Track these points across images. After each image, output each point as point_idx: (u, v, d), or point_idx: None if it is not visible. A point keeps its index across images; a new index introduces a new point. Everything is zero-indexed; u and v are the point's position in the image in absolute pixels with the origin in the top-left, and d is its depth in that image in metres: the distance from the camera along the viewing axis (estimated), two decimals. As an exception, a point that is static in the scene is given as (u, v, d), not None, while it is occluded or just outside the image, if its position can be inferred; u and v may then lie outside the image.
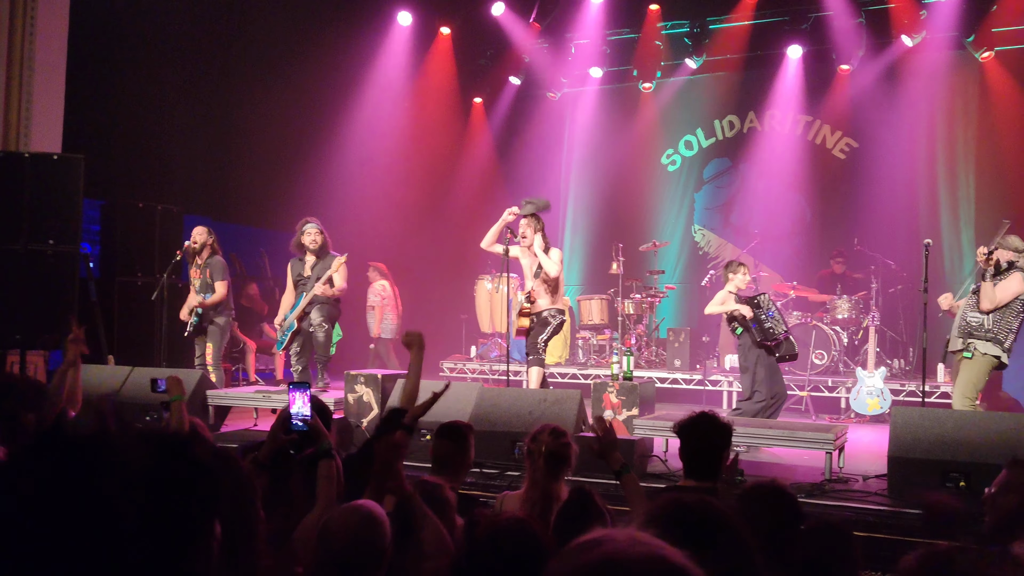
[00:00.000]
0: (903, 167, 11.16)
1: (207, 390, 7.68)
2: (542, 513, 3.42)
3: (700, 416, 3.45)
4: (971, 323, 6.30)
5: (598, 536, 1.05)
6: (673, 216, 12.66)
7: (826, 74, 11.59)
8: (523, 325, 7.35)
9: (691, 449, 3.40)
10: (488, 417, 6.41)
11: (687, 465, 3.43)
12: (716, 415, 3.48)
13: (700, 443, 3.39)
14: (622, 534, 1.05)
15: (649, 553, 1.02)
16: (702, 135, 12.67)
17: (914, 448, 5.37)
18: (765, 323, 7.08)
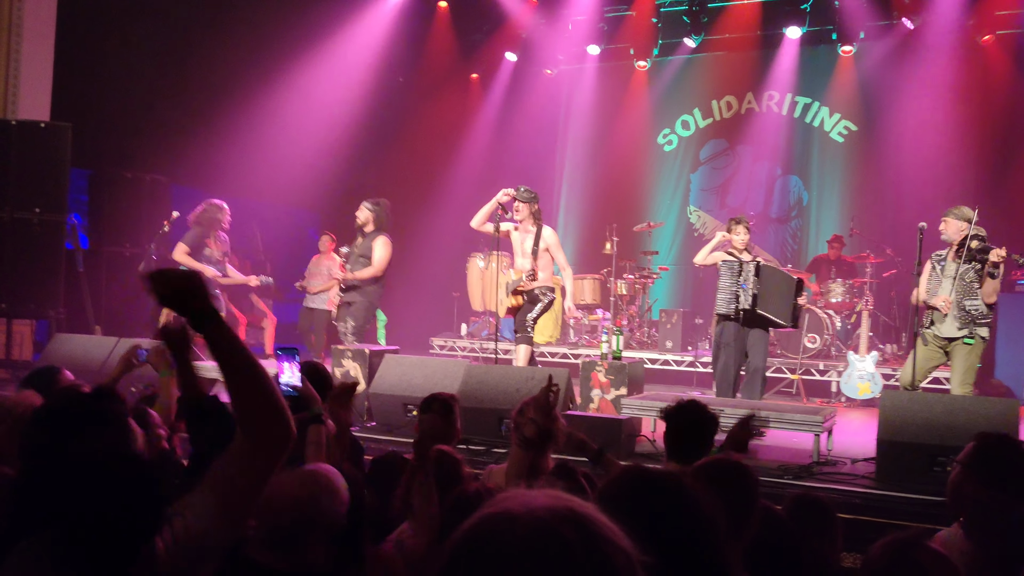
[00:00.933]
0: (902, 151, 11.06)
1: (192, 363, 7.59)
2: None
3: (688, 403, 3.46)
4: (971, 311, 6.25)
5: (512, 493, 0.98)
6: (668, 197, 12.57)
7: (826, 56, 11.48)
8: (515, 303, 7.29)
9: (675, 433, 3.38)
10: (475, 394, 6.35)
11: (670, 448, 3.41)
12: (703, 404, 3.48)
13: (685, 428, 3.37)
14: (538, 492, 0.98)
15: (556, 504, 0.95)
16: (699, 115, 12.56)
17: (903, 432, 5.32)
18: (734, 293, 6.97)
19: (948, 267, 6.39)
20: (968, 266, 6.25)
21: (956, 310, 6.29)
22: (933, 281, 6.48)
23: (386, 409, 6.69)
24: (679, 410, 3.41)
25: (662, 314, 10.36)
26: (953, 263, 6.36)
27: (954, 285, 6.28)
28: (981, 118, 10.70)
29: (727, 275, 7.00)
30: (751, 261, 7.07)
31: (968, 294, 6.26)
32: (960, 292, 6.28)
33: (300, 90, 11.36)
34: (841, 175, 11.62)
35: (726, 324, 7.04)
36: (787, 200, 11.97)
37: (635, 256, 10.95)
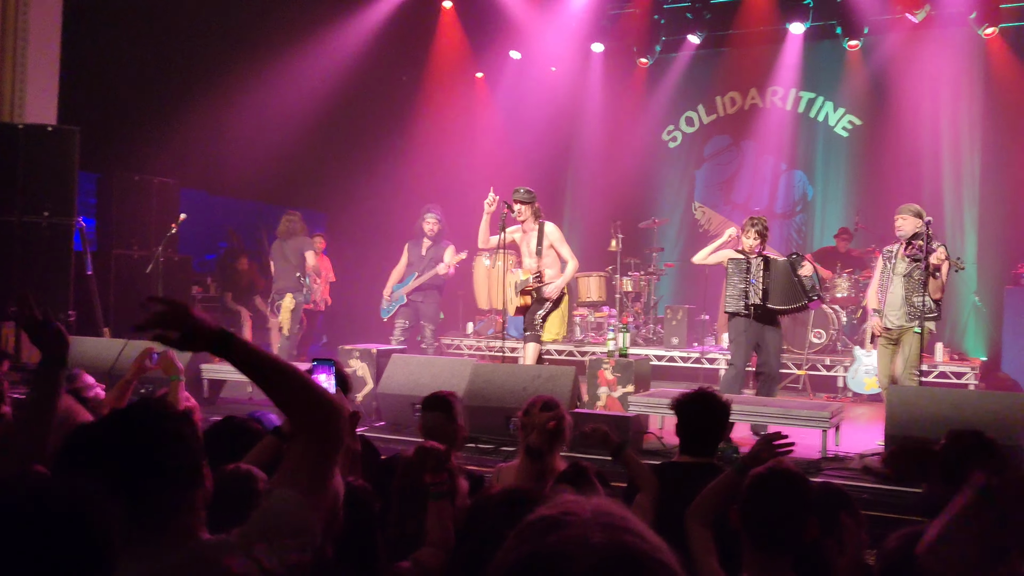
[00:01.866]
0: (906, 145, 11.06)
1: (201, 364, 7.65)
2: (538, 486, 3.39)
3: (698, 393, 3.42)
4: (917, 306, 6.38)
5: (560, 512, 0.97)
6: (673, 193, 12.58)
7: (830, 51, 11.47)
8: (524, 303, 7.32)
9: (688, 426, 3.36)
10: (482, 393, 6.39)
11: (683, 441, 3.40)
12: (715, 392, 3.45)
13: (697, 420, 3.35)
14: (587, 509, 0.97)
15: (610, 542, 0.94)
16: (703, 111, 12.56)
17: (910, 427, 5.33)
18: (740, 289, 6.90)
19: (899, 265, 6.55)
20: (916, 264, 6.41)
21: (905, 305, 6.46)
22: (885, 277, 6.64)
23: (394, 408, 6.73)
24: (691, 400, 3.38)
25: (667, 311, 10.37)
26: (903, 260, 6.52)
27: (903, 282, 6.46)
28: (984, 112, 10.70)
29: (736, 272, 6.93)
30: (759, 257, 7.00)
31: (916, 291, 6.40)
32: (908, 289, 6.45)
33: (306, 92, 11.38)
34: (846, 170, 11.62)
35: (737, 320, 6.99)
36: (792, 195, 11.97)
37: (640, 253, 10.96)
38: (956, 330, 10.56)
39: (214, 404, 7.52)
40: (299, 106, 11.39)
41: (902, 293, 6.47)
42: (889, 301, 6.56)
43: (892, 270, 6.59)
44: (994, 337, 10.21)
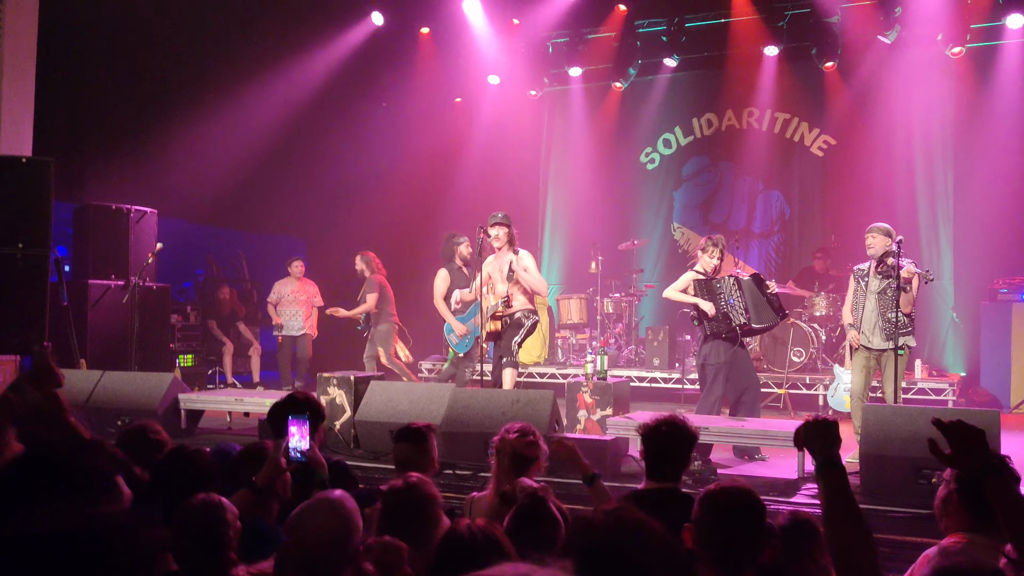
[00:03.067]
0: (881, 164, 11.17)
1: (179, 393, 7.60)
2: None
3: (666, 420, 3.44)
4: (893, 322, 6.47)
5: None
6: (652, 214, 12.64)
7: (804, 72, 11.58)
8: (494, 328, 7.27)
9: (654, 452, 3.38)
10: (460, 418, 6.37)
11: (649, 467, 3.40)
12: (682, 419, 3.46)
13: (665, 447, 3.37)
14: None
15: None
16: (680, 133, 12.66)
17: (886, 445, 5.35)
18: (720, 312, 6.84)
19: (872, 282, 6.67)
20: (887, 281, 6.53)
21: (881, 322, 6.56)
22: (859, 296, 6.74)
23: (372, 436, 6.69)
24: (658, 428, 3.40)
25: (648, 331, 10.40)
26: (876, 278, 6.63)
27: (877, 299, 6.58)
28: (956, 130, 10.83)
29: (705, 296, 6.91)
30: (727, 276, 7.00)
31: (890, 307, 6.51)
32: (883, 305, 6.56)
33: (284, 120, 11.41)
34: (822, 189, 11.72)
35: (714, 345, 6.91)
36: (770, 215, 12.05)
37: (621, 274, 10.99)
38: (935, 346, 10.62)
39: (193, 435, 7.47)
40: (277, 133, 11.41)
41: (876, 310, 6.57)
42: (865, 318, 6.64)
43: (865, 288, 6.69)
44: (972, 352, 10.28)
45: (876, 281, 6.60)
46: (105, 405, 7.27)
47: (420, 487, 3.13)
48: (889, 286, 6.52)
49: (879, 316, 6.56)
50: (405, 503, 3.07)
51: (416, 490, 3.11)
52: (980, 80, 10.57)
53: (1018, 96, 10.29)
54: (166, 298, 10.32)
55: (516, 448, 3.62)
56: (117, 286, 9.53)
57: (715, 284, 6.88)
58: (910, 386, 8.99)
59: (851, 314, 6.79)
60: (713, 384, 6.75)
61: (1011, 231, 9.93)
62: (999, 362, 9.68)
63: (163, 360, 9.80)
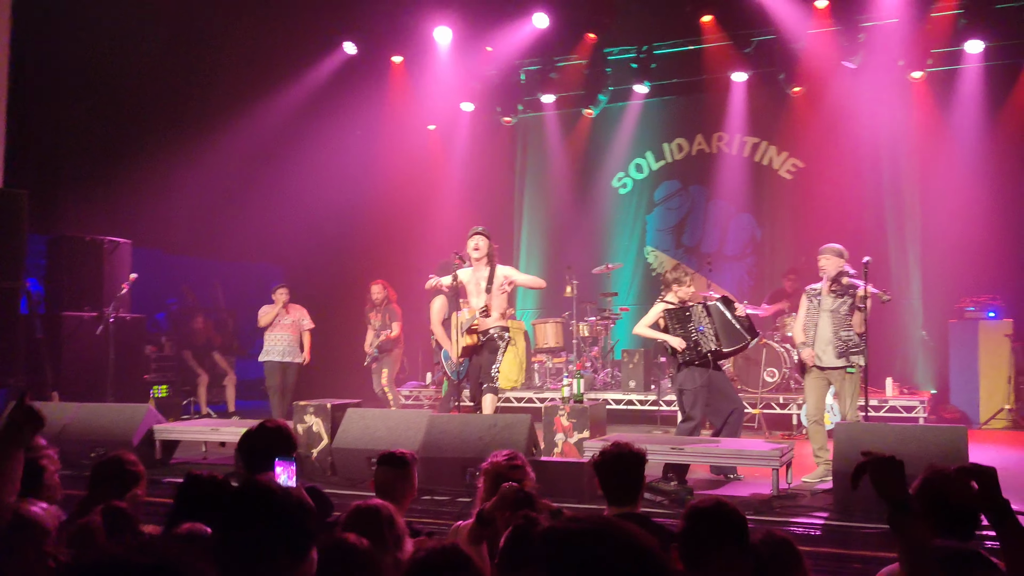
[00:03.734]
0: (849, 186, 11.34)
1: (154, 424, 7.56)
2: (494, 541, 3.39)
3: (612, 448, 3.55)
4: (846, 340, 6.61)
5: None
6: (626, 238, 12.77)
7: (771, 96, 11.79)
8: (469, 343, 7.23)
9: (608, 481, 3.49)
10: (438, 444, 6.39)
11: (607, 495, 3.50)
12: (625, 444, 3.56)
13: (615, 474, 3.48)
14: None
15: None
16: (652, 158, 12.83)
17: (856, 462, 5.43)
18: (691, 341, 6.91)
19: (825, 301, 6.77)
20: (841, 300, 6.66)
21: (834, 340, 6.65)
22: (811, 314, 6.83)
23: (349, 463, 6.69)
24: (605, 458, 3.51)
25: (624, 354, 10.47)
26: (829, 297, 6.73)
27: (831, 317, 6.68)
28: (921, 153, 11.05)
29: (676, 323, 6.98)
30: (696, 304, 7.07)
31: (843, 325, 6.64)
32: (836, 324, 6.66)
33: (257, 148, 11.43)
34: (792, 211, 11.89)
35: (691, 371, 6.96)
36: (741, 237, 12.22)
37: (595, 298, 11.08)
38: (905, 364, 10.77)
39: (167, 466, 7.43)
40: (252, 162, 11.43)
41: (831, 328, 6.66)
42: (818, 336, 6.72)
43: (819, 306, 6.79)
44: (941, 370, 10.44)
45: (830, 300, 6.72)
46: (79, 437, 7.21)
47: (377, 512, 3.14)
48: (843, 304, 6.65)
49: (832, 334, 6.65)
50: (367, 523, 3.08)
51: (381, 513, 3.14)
52: (943, 104, 10.82)
53: (980, 119, 10.55)
54: (141, 329, 10.28)
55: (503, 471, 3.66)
56: (91, 317, 9.48)
57: (685, 312, 6.95)
58: (881, 404, 9.12)
59: (803, 333, 6.85)
60: (692, 410, 6.80)
61: (977, 251, 10.13)
62: (967, 379, 9.85)
63: (138, 391, 9.74)
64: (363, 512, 3.09)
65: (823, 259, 6.80)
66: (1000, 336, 9.71)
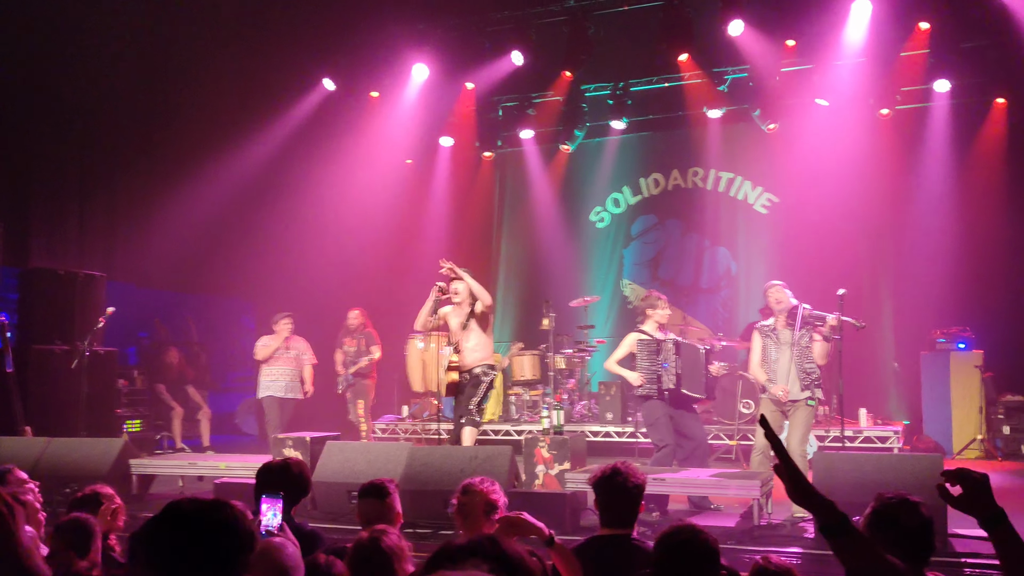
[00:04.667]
0: (823, 220, 11.49)
1: (130, 459, 7.46)
2: None
3: (613, 468, 3.54)
4: (809, 372, 6.67)
5: None
6: (603, 272, 12.87)
7: (746, 132, 12.00)
8: (451, 380, 7.29)
9: (603, 500, 3.49)
10: (419, 476, 6.36)
11: (602, 515, 3.50)
12: (629, 467, 3.57)
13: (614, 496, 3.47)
14: None
15: None
16: (629, 193, 12.97)
17: (835, 491, 5.46)
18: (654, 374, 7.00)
19: (783, 335, 6.79)
20: (802, 332, 6.67)
21: (798, 372, 6.66)
22: (769, 350, 6.80)
23: (329, 496, 6.63)
24: (607, 477, 3.51)
25: (601, 386, 10.51)
26: (786, 330, 6.74)
27: (792, 351, 6.66)
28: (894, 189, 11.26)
29: (644, 355, 7.09)
30: (668, 339, 7.18)
31: (806, 358, 6.68)
32: (799, 356, 6.67)
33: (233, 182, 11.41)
34: (766, 245, 12.04)
35: (652, 403, 7.08)
36: (716, 271, 12.35)
37: (572, 331, 11.11)
38: (879, 395, 10.88)
39: (143, 500, 7.31)
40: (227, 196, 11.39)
41: (792, 361, 6.64)
42: (779, 371, 6.71)
43: (776, 340, 6.79)
44: (914, 401, 10.56)
45: (788, 333, 6.71)
46: (53, 472, 7.08)
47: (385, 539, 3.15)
48: (803, 336, 6.67)
49: (796, 367, 6.64)
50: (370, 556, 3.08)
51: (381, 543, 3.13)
52: (914, 140, 11.06)
53: (948, 155, 10.79)
54: (113, 363, 10.16)
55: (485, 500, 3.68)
56: (63, 351, 9.36)
57: (655, 345, 7.07)
58: (856, 434, 9.20)
59: (762, 370, 6.82)
60: (662, 439, 6.92)
61: (947, 283, 10.30)
62: (940, 409, 9.97)
63: (110, 425, 9.61)
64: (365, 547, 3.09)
65: (776, 293, 6.84)
66: (971, 367, 9.86)
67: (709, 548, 2.77)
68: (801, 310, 6.68)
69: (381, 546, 3.12)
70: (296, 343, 9.65)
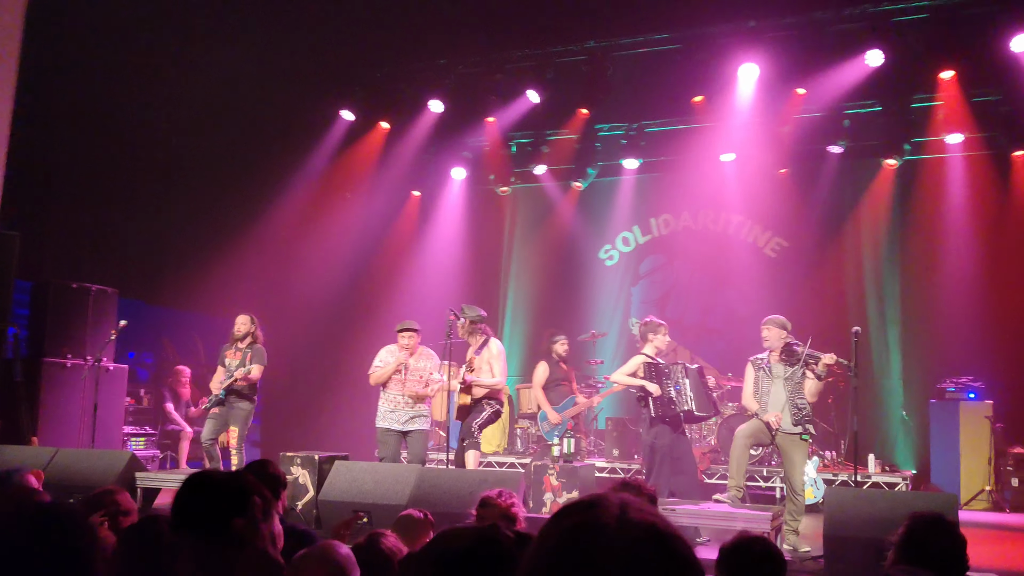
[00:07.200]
0: (831, 266, 11.59)
1: (136, 472, 7.43)
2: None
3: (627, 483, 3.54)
4: (801, 408, 6.74)
5: (592, 498, 1.09)
6: (611, 309, 12.90)
7: (757, 176, 12.07)
8: (463, 402, 7.33)
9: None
10: (427, 499, 6.32)
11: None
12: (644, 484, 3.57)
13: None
14: (616, 499, 1.07)
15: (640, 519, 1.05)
16: (639, 232, 13.04)
17: (848, 527, 5.46)
18: (667, 396, 7.07)
19: (776, 368, 6.91)
20: (795, 368, 6.78)
21: (790, 407, 6.76)
22: (762, 383, 6.92)
23: (335, 516, 6.58)
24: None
25: (608, 422, 10.48)
26: (779, 365, 6.85)
27: (784, 385, 6.79)
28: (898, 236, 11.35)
29: (652, 377, 7.14)
30: (678, 364, 7.26)
31: (798, 393, 6.77)
32: (790, 391, 6.79)
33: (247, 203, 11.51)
34: (775, 289, 12.06)
35: (661, 428, 7.10)
36: (724, 312, 12.37)
37: (580, 365, 11.11)
38: (886, 444, 10.84)
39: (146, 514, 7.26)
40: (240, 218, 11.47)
41: (785, 396, 6.76)
42: (771, 404, 6.80)
43: (770, 374, 6.88)
44: (922, 450, 10.52)
45: (781, 368, 6.84)
46: (59, 482, 7.06)
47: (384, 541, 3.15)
48: (796, 372, 6.77)
49: (788, 402, 6.75)
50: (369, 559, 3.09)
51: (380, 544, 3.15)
52: (924, 189, 11.16)
53: (958, 205, 10.87)
54: (123, 379, 10.16)
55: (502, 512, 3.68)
56: (73, 364, 9.38)
57: (663, 368, 7.12)
58: (864, 479, 9.14)
59: (754, 400, 6.93)
60: (661, 466, 6.92)
61: (956, 332, 10.32)
62: (948, 460, 9.91)
63: (116, 441, 9.59)
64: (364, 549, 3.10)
65: (765, 330, 7.00)
66: (980, 418, 9.82)
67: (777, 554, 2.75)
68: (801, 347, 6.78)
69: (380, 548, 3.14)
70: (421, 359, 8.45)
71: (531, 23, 11.39)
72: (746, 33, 10.89)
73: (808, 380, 6.76)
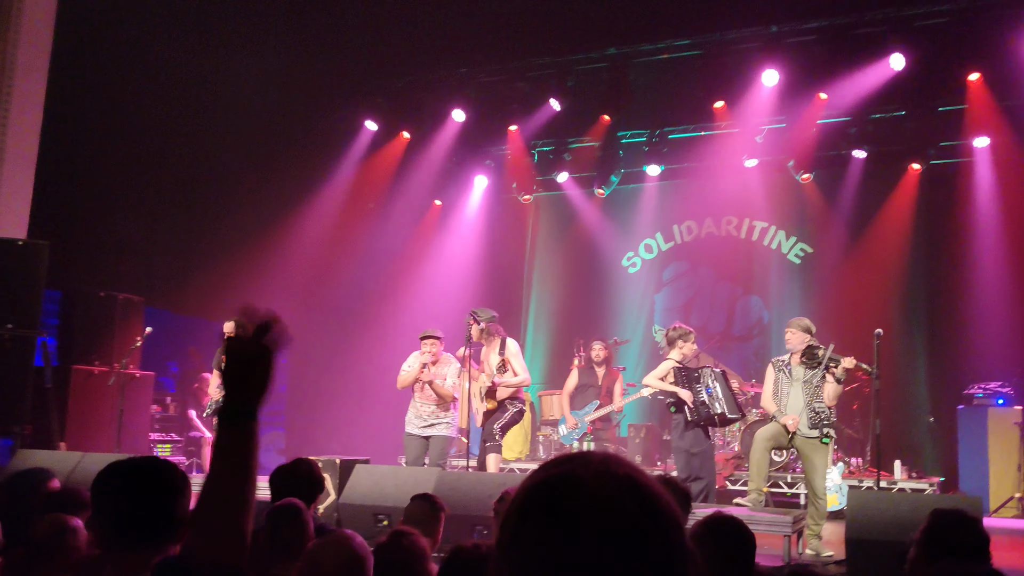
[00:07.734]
0: (856, 272, 11.48)
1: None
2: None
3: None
4: (819, 412, 6.70)
5: (574, 454, 1.10)
6: (634, 316, 12.86)
7: (780, 182, 12.03)
8: (491, 406, 7.37)
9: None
10: (447, 501, 6.32)
11: None
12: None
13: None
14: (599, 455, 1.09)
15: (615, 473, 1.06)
16: (661, 239, 13.02)
17: (871, 529, 5.40)
18: (700, 400, 7.08)
19: (795, 371, 6.88)
20: (815, 371, 6.73)
21: (807, 411, 6.73)
22: (782, 384, 6.92)
23: (356, 519, 6.62)
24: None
25: (630, 429, 10.45)
26: (799, 367, 6.82)
27: (803, 388, 6.76)
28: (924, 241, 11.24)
29: (682, 383, 7.14)
30: (706, 367, 7.27)
31: (816, 397, 6.73)
32: (809, 394, 6.75)
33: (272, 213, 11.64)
34: (800, 295, 12.00)
35: (697, 433, 7.11)
36: (748, 319, 12.30)
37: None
38: (912, 450, 10.70)
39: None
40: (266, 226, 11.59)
41: (803, 399, 6.74)
42: (790, 406, 6.79)
43: (789, 376, 6.87)
44: (949, 457, 10.37)
45: (801, 371, 6.81)
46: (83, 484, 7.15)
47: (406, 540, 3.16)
48: (815, 376, 6.74)
49: (805, 405, 6.72)
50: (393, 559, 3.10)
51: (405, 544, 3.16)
52: (950, 193, 11.03)
53: (985, 209, 10.74)
54: (149, 386, 10.29)
55: None
56: (101, 372, 9.51)
57: (693, 373, 7.12)
58: (890, 486, 9.04)
59: (773, 402, 6.93)
60: (703, 470, 6.89)
61: (984, 338, 10.19)
62: (977, 466, 9.77)
63: (142, 448, 9.70)
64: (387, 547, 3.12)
65: (788, 332, 6.98)
66: (1010, 424, 9.67)
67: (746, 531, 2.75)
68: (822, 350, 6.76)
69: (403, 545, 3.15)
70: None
71: (552, 31, 11.46)
72: (767, 38, 10.90)
73: (828, 384, 6.72)
